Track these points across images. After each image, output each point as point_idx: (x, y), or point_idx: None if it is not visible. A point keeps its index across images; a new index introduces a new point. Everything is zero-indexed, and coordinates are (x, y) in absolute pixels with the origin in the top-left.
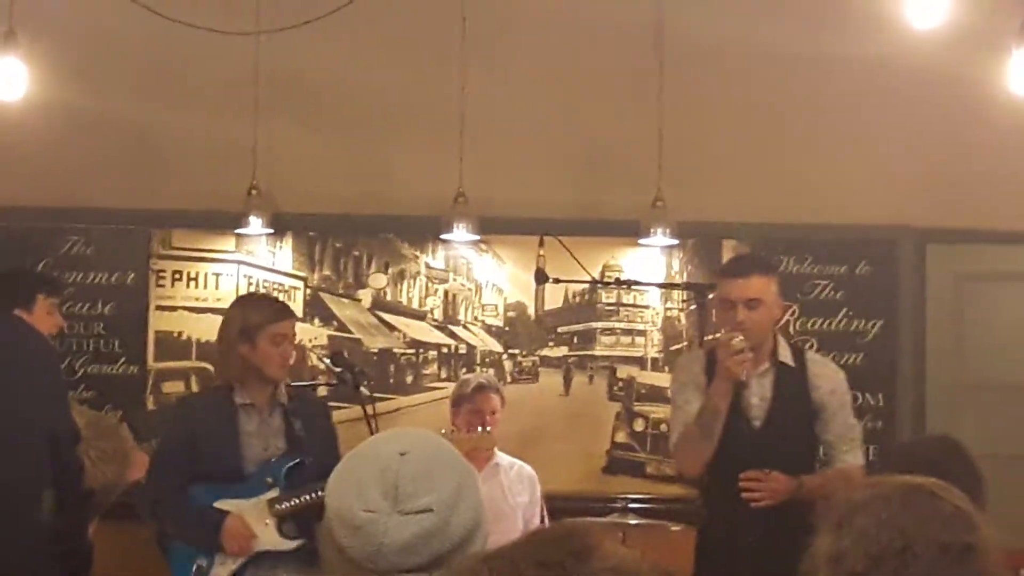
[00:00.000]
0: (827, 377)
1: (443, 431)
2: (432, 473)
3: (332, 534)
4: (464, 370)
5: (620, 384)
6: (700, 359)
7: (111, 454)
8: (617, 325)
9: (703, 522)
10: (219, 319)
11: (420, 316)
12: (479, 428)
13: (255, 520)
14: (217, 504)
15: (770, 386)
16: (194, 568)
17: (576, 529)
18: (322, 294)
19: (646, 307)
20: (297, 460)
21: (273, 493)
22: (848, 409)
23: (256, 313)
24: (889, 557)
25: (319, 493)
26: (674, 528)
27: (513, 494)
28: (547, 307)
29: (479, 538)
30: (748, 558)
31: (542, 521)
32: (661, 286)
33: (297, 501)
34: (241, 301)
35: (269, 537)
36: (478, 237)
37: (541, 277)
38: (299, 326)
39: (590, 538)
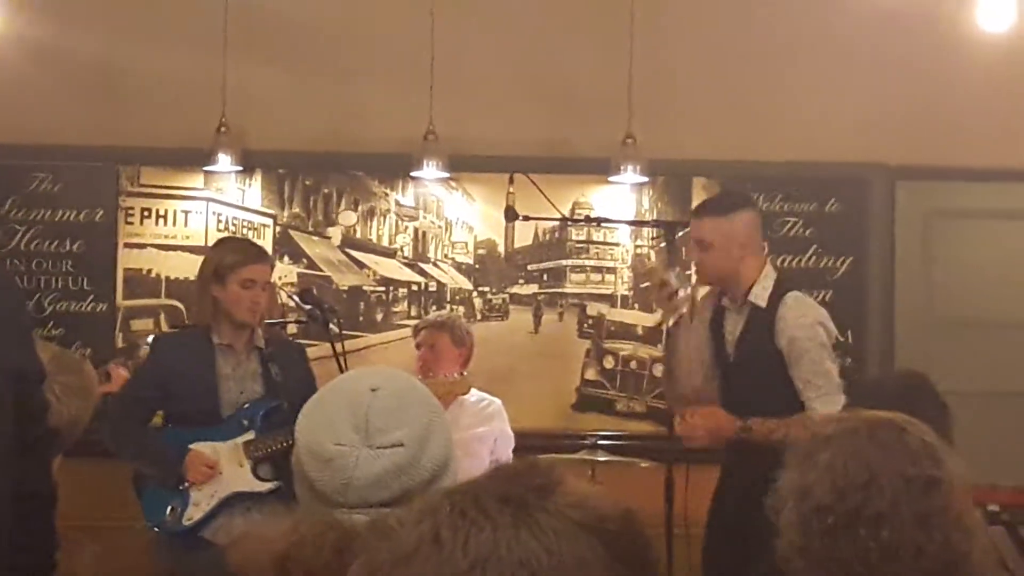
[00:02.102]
0: (788, 322)
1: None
2: (403, 409)
3: (302, 468)
4: (435, 308)
5: (590, 321)
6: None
7: (75, 389)
8: (587, 262)
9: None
10: (188, 256)
11: (390, 254)
12: (456, 373)
13: (231, 462)
14: (193, 446)
15: (742, 323)
16: (168, 510)
17: (539, 465)
18: (292, 232)
19: (616, 244)
20: (274, 404)
21: (249, 436)
22: (812, 357)
23: (230, 255)
24: (854, 490)
25: (295, 437)
26: (643, 465)
27: (472, 427)
28: (517, 245)
29: (448, 475)
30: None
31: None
32: (631, 223)
33: (273, 444)
34: (219, 243)
35: (245, 479)
36: (448, 175)
37: (511, 215)
38: None
39: (553, 474)
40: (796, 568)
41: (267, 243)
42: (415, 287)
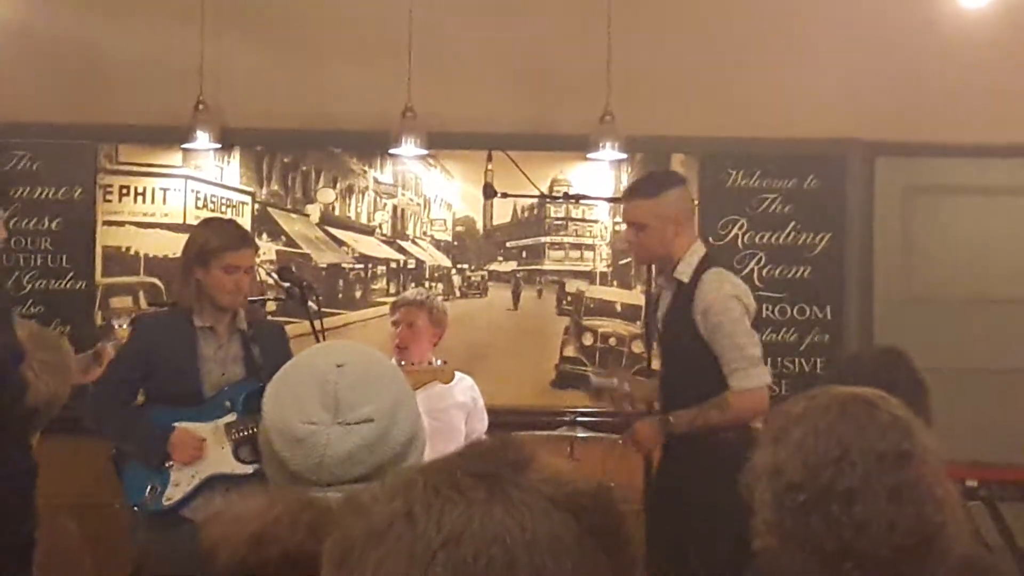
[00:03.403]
0: (702, 296)
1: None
2: (370, 383)
3: (271, 448)
4: (413, 285)
5: (569, 298)
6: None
7: (53, 366)
8: (566, 239)
9: None
10: (167, 234)
11: (368, 231)
12: (438, 362)
13: (212, 443)
14: (174, 426)
15: (668, 302)
16: (148, 489)
17: (512, 441)
18: (270, 209)
19: (595, 221)
20: (256, 386)
21: (231, 418)
22: (725, 331)
23: (215, 238)
24: (825, 466)
25: None
26: (622, 441)
27: (446, 399)
28: (495, 222)
29: (417, 447)
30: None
31: (489, 431)
32: (610, 200)
33: (254, 426)
34: (204, 224)
35: (225, 461)
36: (426, 152)
37: (489, 192)
38: None
39: (526, 450)
40: (770, 545)
41: (246, 220)
42: (394, 264)
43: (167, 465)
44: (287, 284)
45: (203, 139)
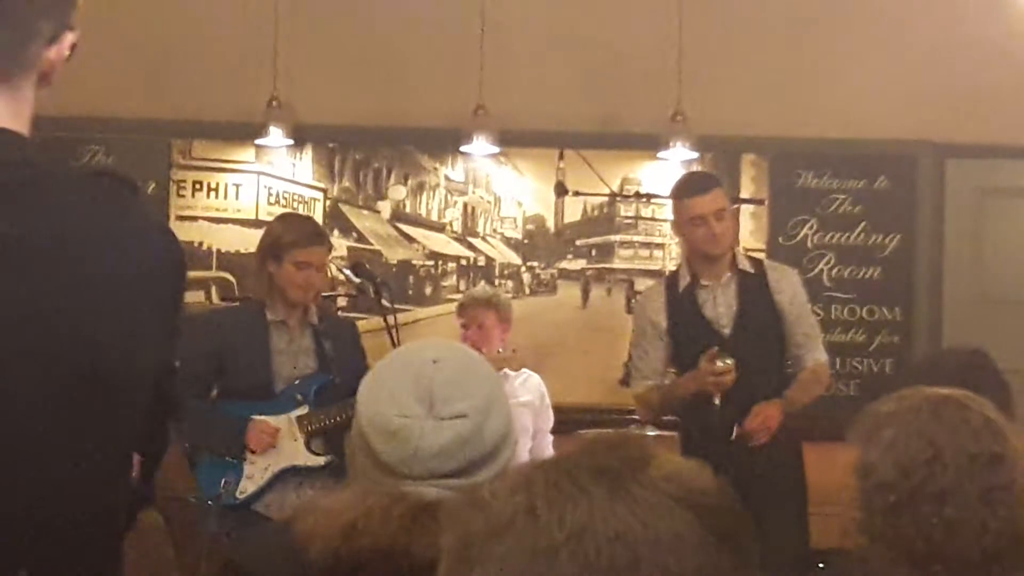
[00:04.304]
0: (786, 281)
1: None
2: (465, 380)
3: (365, 441)
4: (483, 282)
5: (638, 297)
6: (661, 295)
7: None
8: (635, 238)
9: (681, 430)
10: (239, 230)
11: (439, 228)
12: (509, 350)
13: (285, 436)
14: (249, 418)
15: (734, 294)
16: (222, 483)
17: (631, 438)
18: (342, 205)
19: (664, 220)
20: (327, 379)
21: (303, 410)
22: (808, 309)
23: (289, 233)
24: (918, 467)
25: (349, 412)
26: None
27: (514, 396)
28: (566, 220)
29: (509, 446)
30: (723, 461)
31: (554, 431)
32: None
33: (326, 419)
34: (280, 219)
35: (298, 453)
36: (498, 149)
37: (561, 190)
38: None
39: (646, 447)
40: (858, 545)
41: (317, 217)
42: (464, 261)
43: (246, 456)
44: (359, 280)
45: (276, 135)
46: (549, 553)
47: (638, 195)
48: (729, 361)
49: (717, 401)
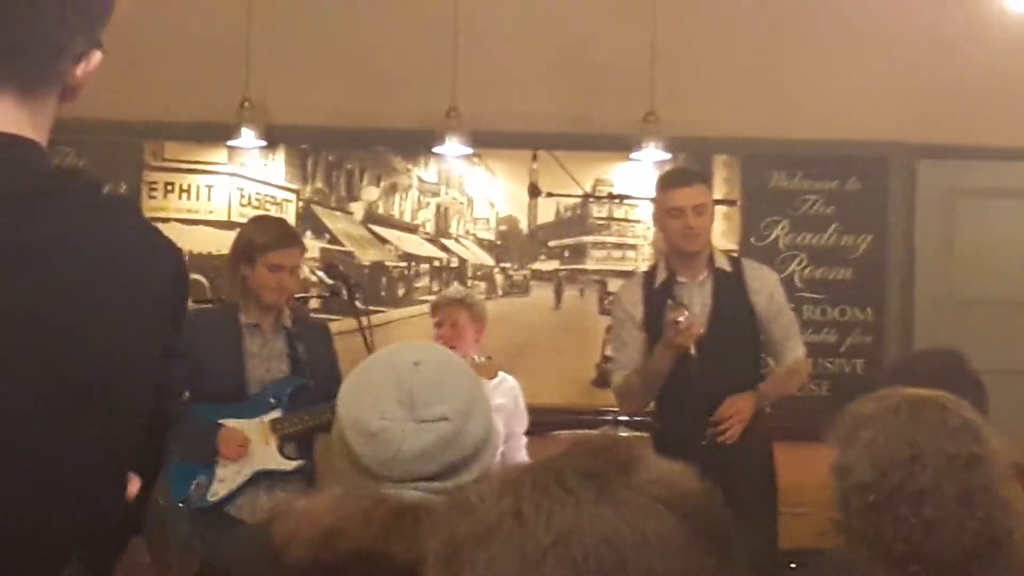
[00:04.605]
0: (763, 280)
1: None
2: (446, 383)
3: (345, 444)
4: (456, 283)
5: (611, 298)
6: (638, 288)
7: None
8: (608, 239)
9: (655, 430)
10: (211, 231)
11: (412, 229)
12: (482, 357)
13: (257, 440)
14: (220, 422)
15: (710, 292)
16: (193, 486)
17: (618, 441)
18: (314, 207)
19: (637, 221)
20: (300, 382)
21: (276, 414)
22: (785, 307)
23: (262, 235)
24: (896, 467)
25: (322, 416)
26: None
27: (491, 400)
28: (539, 221)
29: (490, 449)
30: (703, 458)
31: (528, 432)
32: (652, 200)
33: (299, 423)
34: (253, 221)
35: (270, 457)
36: (471, 150)
37: (534, 191)
38: None
39: (633, 450)
40: (836, 545)
41: (290, 218)
42: (437, 263)
43: (216, 461)
44: (332, 282)
45: (248, 136)
46: (536, 557)
47: (611, 196)
48: (687, 313)
49: (693, 351)
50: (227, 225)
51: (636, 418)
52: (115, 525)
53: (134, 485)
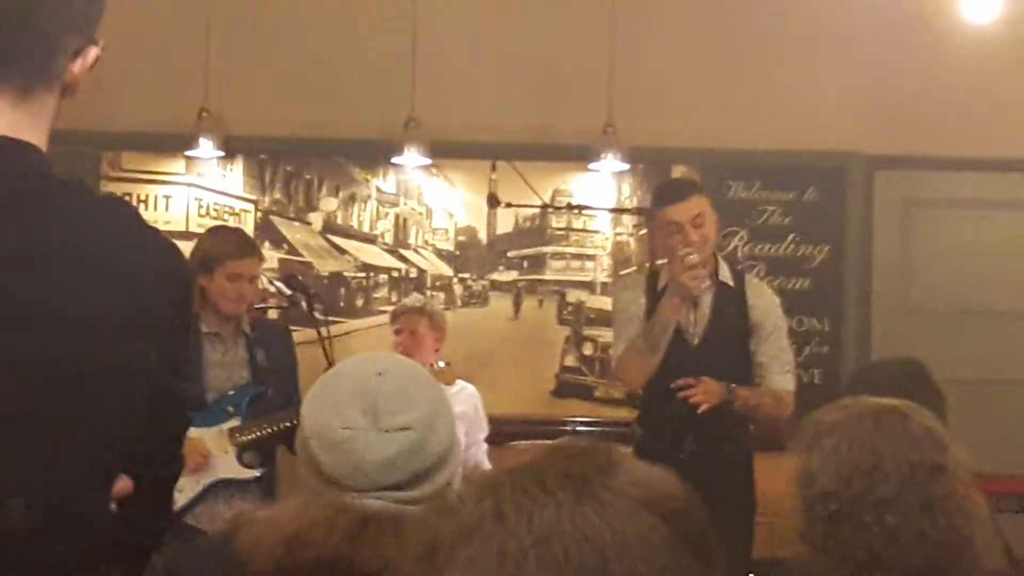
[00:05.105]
0: (764, 298)
1: None
2: (409, 392)
3: (309, 453)
4: (415, 293)
5: (569, 308)
6: (641, 282)
7: None
8: (567, 249)
9: (637, 437)
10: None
11: (371, 240)
12: (441, 363)
13: (216, 449)
14: None
15: (709, 304)
16: None
17: (598, 445)
18: (273, 217)
19: (596, 232)
20: (259, 390)
21: (234, 422)
22: (782, 334)
23: (220, 245)
24: (859, 476)
25: (280, 424)
26: (612, 446)
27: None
28: (498, 231)
29: (454, 458)
30: (682, 470)
31: (487, 441)
32: (611, 211)
33: (258, 431)
34: (211, 231)
35: (229, 466)
36: (429, 161)
37: (493, 201)
38: None
39: (612, 453)
40: (799, 553)
41: (248, 228)
42: (395, 273)
43: None
44: (291, 292)
45: (206, 147)
46: (517, 555)
47: (570, 206)
48: (695, 254)
49: (697, 295)
50: (185, 235)
51: (595, 428)
52: (95, 525)
53: (124, 484)
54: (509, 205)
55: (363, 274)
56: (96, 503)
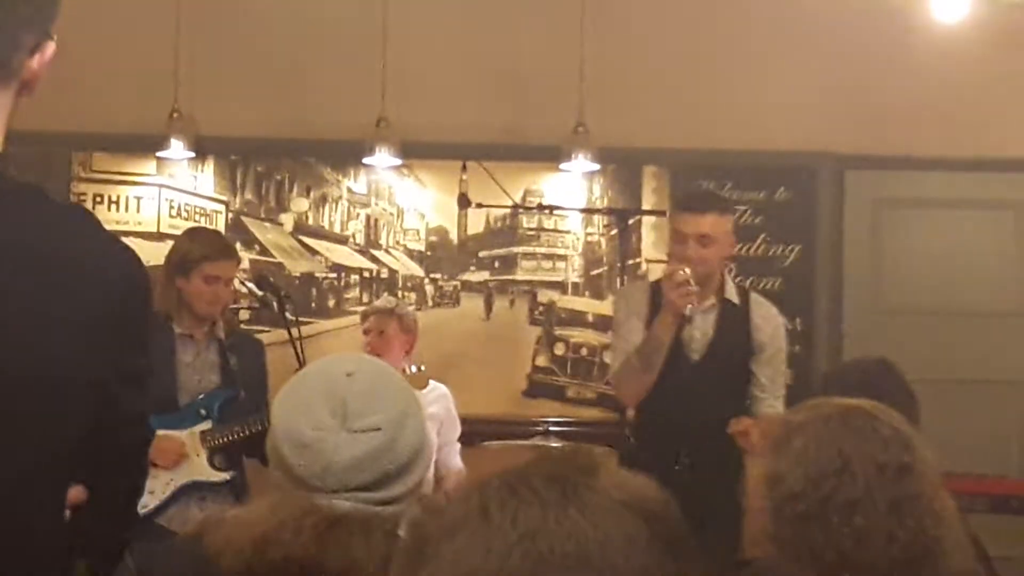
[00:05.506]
0: (769, 320)
1: None
2: (379, 393)
3: (279, 454)
4: (386, 294)
5: (541, 308)
6: (645, 288)
7: None
8: (538, 250)
9: (629, 449)
10: (141, 243)
11: (342, 240)
12: (414, 367)
13: (187, 450)
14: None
15: (713, 322)
16: None
17: (582, 449)
18: (244, 218)
19: (567, 232)
20: (231, 394)
21: (206, 425)
22: (783, 357)
23: (198, 248)
24: (827, 477)
25: (252, 428)
26: (595, 451)
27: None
28: (469, 232)
29: (424, 459)
30: (677, 485)
31: (461, 440)
32: (582, 211)
33: (229, 434)
34: (188, 233)
35: (200, 468)
36: (400, 161)
37: (464, 202)
38: None
39: (595, 457)
40: (767, 554)
41: (219, 229)
42: (367, 274)
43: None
44: (262, 293)
45: (177, 148)
46: (503, 550)
47: (540, 207)
48: (687, 270)
49: (688, 311)
50: (156, 236)
51: (567, 428)
52: (63, 534)
53: (77, 492)
54: (480, 205)
55: (334, 275)
56: (47, 509)
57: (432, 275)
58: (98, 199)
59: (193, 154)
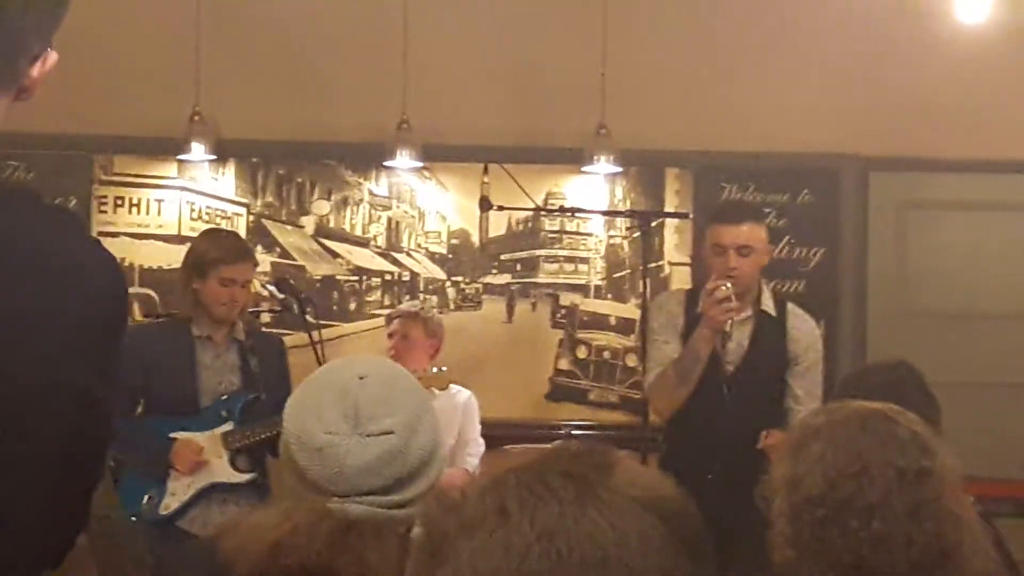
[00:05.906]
0: (806, 332)
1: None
2: (392, 397)
3: (292, 458)
4: (408, 297)
5: (563, 311)
6: (680, 298)
7: None
8: (560, 252)
9: (661, 456)
10: (161, 245)
11: (363, 243)
12: (436, 368)
13: (209, 453)
14: (171, 435)
15: (749, 333)
16: (144, 499)
17: (597, 446)
18: (265, 221)
19: (589, 235)
20: (253, 396)
21: (228, 427)
22: (818, 369)
23: (214, 250)
24: (845, 480)
25: (275, 430)
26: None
27: (445, 414)
28: (490, 234)
29: (437, 463)
30: (708, 493)
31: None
32: (604, 213)
33: (251, 436)
34: (205, 234)
35: (222, 470)
36: (421, 164)
37: (485, 204)
38: None
39: (611, 455)
40: (786, 558)
41: (240, 232)
42: (388, 276)
43: (170, 474)
44: (283, 296)
45: (198, 150)
46: (521, 549)
47: (563, 209)
48: (728, 285)
49: (729, 328)
50: (177, 239)
51: (589, 432)
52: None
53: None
54: (501, 208)
55: (355, 278)
56: (31, 514)
57: (454, 278)
58: (119, 202)
59: (214, 157)
